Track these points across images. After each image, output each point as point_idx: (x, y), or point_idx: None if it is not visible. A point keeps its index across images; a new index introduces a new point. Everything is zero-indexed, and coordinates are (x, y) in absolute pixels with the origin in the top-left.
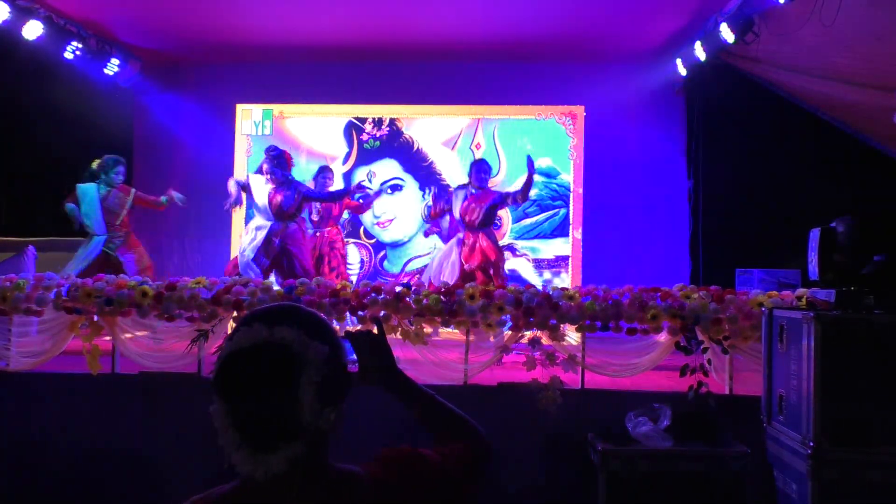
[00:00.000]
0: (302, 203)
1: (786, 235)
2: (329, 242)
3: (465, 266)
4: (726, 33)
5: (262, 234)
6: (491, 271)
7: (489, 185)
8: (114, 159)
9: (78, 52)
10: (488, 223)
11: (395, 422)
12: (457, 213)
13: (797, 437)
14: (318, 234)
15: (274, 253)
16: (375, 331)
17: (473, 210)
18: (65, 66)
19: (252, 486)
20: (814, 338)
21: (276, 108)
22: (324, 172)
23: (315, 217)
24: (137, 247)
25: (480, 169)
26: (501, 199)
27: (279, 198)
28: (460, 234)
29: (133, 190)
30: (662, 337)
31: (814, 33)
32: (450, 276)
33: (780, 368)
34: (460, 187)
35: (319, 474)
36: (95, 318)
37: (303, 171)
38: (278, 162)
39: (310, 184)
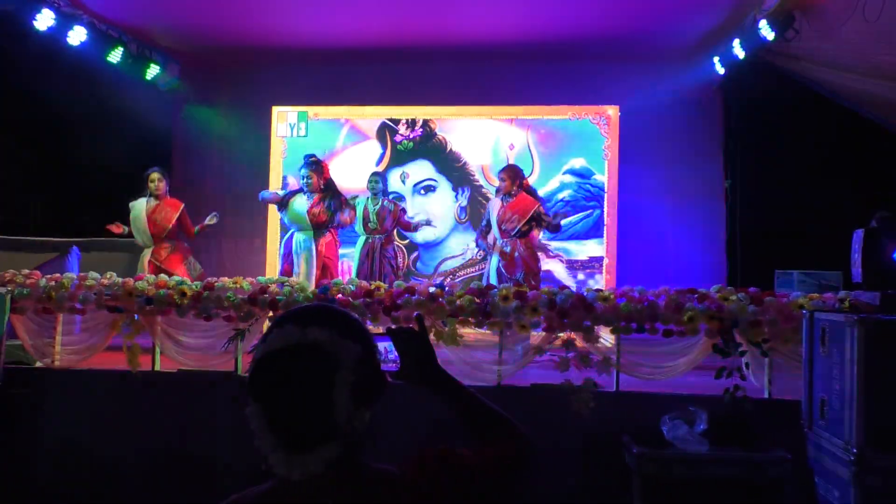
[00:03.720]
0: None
1: (826, 236)
2: (380, 248)
3: (506, 276)
4: (766, 30)
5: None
6: (532, 281)
7: (517, 188)
8: (149, 170)
9: (119, 57)
10: (526, 233)
11: (434, 421)
12: (494, 222)
13: (839, 442)
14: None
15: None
16: (417, 328)
17: (510, 219)
18: (107, 70)
19: (288, 486)
20: (857, 341)
21: (311, 109)
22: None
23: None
24: (179, 264)
25: (505, 173)
26: (538, 215)
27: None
28: (499, 245)
29: (182, 206)
30: (699, 339)
31: (857, 29)
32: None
33: (822, 372)
34: (496, 194)
35: (355, 474)
36: (136, 316)
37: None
38: (316, 168)
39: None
